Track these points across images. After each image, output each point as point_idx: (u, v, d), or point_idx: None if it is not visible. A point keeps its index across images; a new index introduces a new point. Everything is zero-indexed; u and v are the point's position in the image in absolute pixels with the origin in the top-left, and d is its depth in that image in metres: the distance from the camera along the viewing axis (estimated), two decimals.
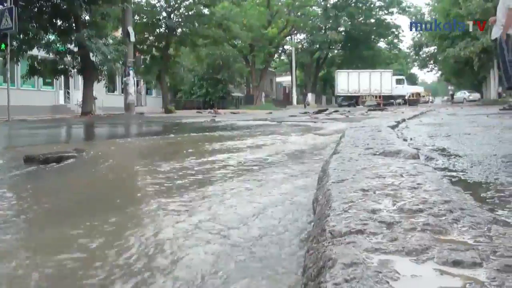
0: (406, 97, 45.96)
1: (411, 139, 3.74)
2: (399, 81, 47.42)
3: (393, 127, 4.73)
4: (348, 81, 46.36)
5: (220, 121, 12.48)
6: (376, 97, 45.56)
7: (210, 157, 3.79)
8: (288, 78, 66.24)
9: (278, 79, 73.03)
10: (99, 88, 24.27)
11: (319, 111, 19.90)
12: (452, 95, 54.17)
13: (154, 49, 30.31)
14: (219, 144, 4.93)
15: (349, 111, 20.02)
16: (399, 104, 45.19)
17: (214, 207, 1.97)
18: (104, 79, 22.08)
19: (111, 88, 32.01)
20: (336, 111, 20.07)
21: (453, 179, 2.03)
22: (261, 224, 1.71)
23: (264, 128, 8.44)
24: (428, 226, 1.10)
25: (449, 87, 55.72)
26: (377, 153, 2.46)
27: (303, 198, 2.16)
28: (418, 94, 46.54)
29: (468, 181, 1.98)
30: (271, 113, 21.91)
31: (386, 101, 45.59)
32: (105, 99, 31.17)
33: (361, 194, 1.45)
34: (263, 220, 1.75)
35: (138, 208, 2.08)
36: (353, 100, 46.87)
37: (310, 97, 54.59)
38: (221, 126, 9.81)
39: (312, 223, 1.46)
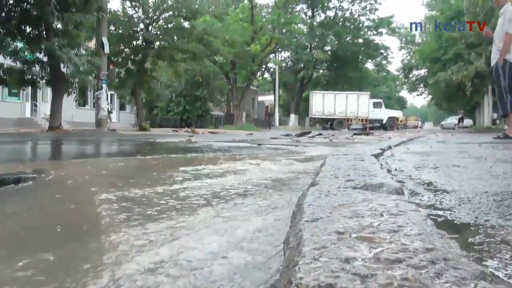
0: (384, 122, 47.13)
1: (395, 170, 3.71)
2: (376, 105, 48.37)
3: (377, 156, 4.71)
4: (323, 102, 47.41)
5: (197, 142, 12.37)
6: (362, 120, 46.29)
7: (179, 185, 3.70)
8: (271, 97, 66.83)
9: (261, 98, 73.58)
10: (69, 102, 24.00)
11: (302, 134, 19.97)
12: (462, 119, 54.08)
13: (129, 62, 30.26)
14: (191, 169, 4.85)
15: (333, 135, 20.13)
16: (374, 128, 46.07)
17: (163, 250, 1.86)
18: (74, 92, 21.87)
19: (81, 102, 31.73)
20: (320, 134, 20.15)
21: (438, 219, 1.98)
22: (222, 269, 1.62)
23: (242, 151, 8.37)
24: (406, 281, 1.03)
25: (458, 110, 55.14)
26: (358, 186, 2.42)
27: (275, 237, 2.08)
28: (396, 118, 47.61)
29: (455, 222, 1.93)
30: (251, 134, 21.90)
31: (371, 125, 46.27)
32: (75, 114, 30.85)
33: (336, 237, 1.38)
34: (225, 266, 1.66)
35: (85, 243, 1.97)
36: (328, 123, 47.74)
37: (293, 117, 55.07)
38: (197, 148, 9.71)
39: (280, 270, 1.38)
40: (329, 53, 60.17)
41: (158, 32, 30.21)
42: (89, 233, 2.20)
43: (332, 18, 60.23)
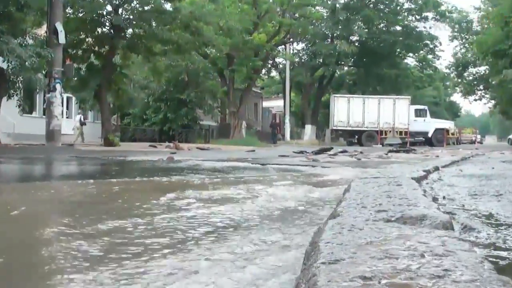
0: (429, 135, 47.00)
1: (444, 198, 3.72)
2: (419, 113, 48.37)
3: (419, 179, 4.73)
4: (348, 109, 47.61)
5: (181, 161, 12.43)
6: (400, 133, 46.21)
7: (155, 217, 3.72)
8: (280, 102, 67.05)
9: (266, 104, 73.95)
10: (9, 107, 24.12)
11: (321, 151, 20.00)
12: None
13: (92, 55, 30.40)
14: (172, 196, 4.87)
15: (361, 152, 20.18)
16: (423, 143, 46.03)
17: None
18: (17, 95, 21.97)
19: (27, 108, 31.78)
20: (344, 151, 20.21)
21: (500, 262, 1.98)
22: None
23: (241, 173, 8.39)
24: None
25: None
26: (392, 219, 2.45)
27: (280, 286, 2.08)
28: (446, 131, 47.28)
29: None
30: (253, 151, 21.99)
31: (413, 139, 46.28)
32: (19, 123, 30.99)
33: (360, 284, 1.40)
34: None
35: None
36: (354, 137, 47.84)
37: (309, 129, 55.25)
38: (181, 169, 9.75)
39: None
40: (356, 44, 60.34)
41: (131, 17, 30.38)
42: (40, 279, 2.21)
43: None
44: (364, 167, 9.76)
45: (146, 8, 30.29)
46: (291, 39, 53.28)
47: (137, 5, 30.58)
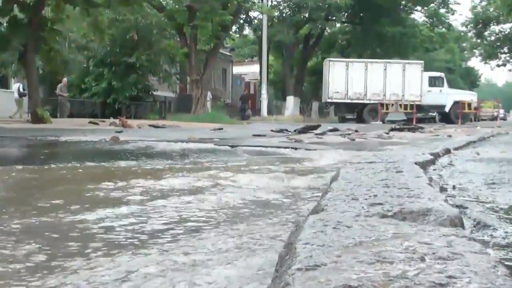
0: (447, 109, 46.46)
1: (454, 187, 3.76)
2: (434, 82, 48.02)
3: (425, 165, 4.77)
4: (347, 77, 47.37)
5: (129, 142, 12.38)
6: (406, 107, 45.99)
7: (89, 214, 3.74)
8: (255, 68, 66.90)
9: (237, 70, 73.70)
10: None
11: (306, 129, 20.07)
12: None
13: (16, 7, 30.02)
14: (111, 187, 4.88)
15: (356, 130, 20.27)
16: (433, 120, 46.14)
17: None
18: None
19: None
20: (334, 129, 20.27)
21: None
22: None
23: (204, 158, 8.40)
24: None
25: None
26: (389, 214, 2.47)
27: None
28: (468, 105, 46.36)
29: None
30: (221, 129, 21.95)
31: (423, 115, 46.42)
32: None
33: None
34: None
35: None
36: (353, 113, 47.79)
37: (291, 102, 55.25)
38: (128, 151, 9.74)
39: None
40: None
41: None
42: None
43: None
44: (358, 150, 9.84)
45: None
46: None
47: None
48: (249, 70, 72.94)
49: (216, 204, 4.13)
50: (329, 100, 48.50)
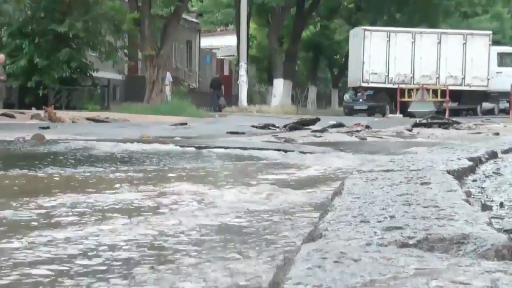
0: None
1: (501, 205, 3.78)
2: (504, 60, 47.63)
3: (460, 174, 4.78)
4: (388, 54, 46.57)
5: (58, 142, 12.33)
6: (435, 93, 45.72)
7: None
8: (230, 40, 66.74)
9: (207, 42, 73.52)
10: None
11: (300, 124, 20.10)
12: None
13: None
14: (32, 206, 4.87)
15: (367, 127, 20.29)
16: (474, 112, 45.89)
17: None
18: None
19: None
20: (340, 124, 20.25)
21: None
22: None
23: (159, 164, 8.39)
24: None
25: None
26: (410, 242, 2.47)
27: None
28: None
29: None
30: (185, 124, 21.92)
31: (462, 104, 46.24)
32: None
33: None
34: None
35: None
36: (386, 101, 46.90)
37: (280, 87, 55.12)
38: (55, 155, 9.69)
39: None
40: None
41: None
42: None
43: None
44: (370, 153, 9.85)
45: None
46: None
47: None
48: (222, 43, 72.84)
49: (169, 230, 4.08)
50: (365, 85, 47.59)
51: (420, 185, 3.75)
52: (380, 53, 46.89)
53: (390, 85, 46.74)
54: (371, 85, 47.23)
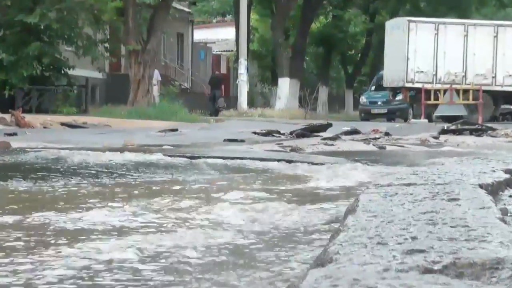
0: None
1: None
2: None
3: (495, 189, 4.78)
4: (436, 49, 46.02)
5: (27, 150, 12.31)
6: (465, 95, 45.62)
7: None
8: (228, 33, 66.81)
9: (201, 35, 73.56)
10: None
11: (309, 130, 20.10)
12: None
13: None
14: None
15: (387, 134, 20.29)
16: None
17: None
18: None
19: None
20: (355, 131, 20.24)
21: None
22: None
23: (145, 176, 8.39)
24: None
25: None
26: (436, 268, 2.47)
27: None
28: None
29: None
30: (176, 130, 21.90)
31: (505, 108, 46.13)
32: None
33: None
34: None
35: None
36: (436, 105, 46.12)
37: (286, 87, 55.08)
38: (26, 165, 9.69)
39: None
40: None
41: None
42: None
43: None
44: (390, 164, 9.84)
45: None
46: None
47: None
48: (218, 36, 72.87)
49: (157, 254, 4.07)
50: (409, 85, 46.32)
51: (447, 202, 3.74)
52: (427, 49, 45.76)
53: (439, 86, 45.46)
54: (416, 85, 45.83)
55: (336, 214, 4.97)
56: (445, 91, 44.85)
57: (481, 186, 4.52)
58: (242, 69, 52.01)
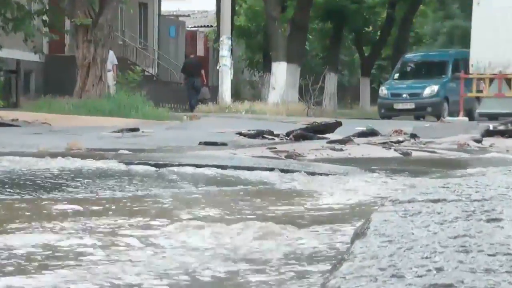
0: None
1: None
2: None
3: None
4: (509, 29, 45.85)
5: None
6: None
7: None
8: (206, 4, 67.45)
9: (169, 6, 74.21)
10: None
11: (311, 131, 20.21)
12: None
13: None
14: None
15: (413, 136, 20.41)
16: None
17: None
18: None
19: None
20: (371, 132, 20.40)
21: None
22: None
23: (93, 190, 8.38)
24: None
25: None
26: None
27: None
28: None
29: None
30: (137, 130, 22.16)
31: None
32: None
33: None
34: None
35: None
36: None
37: (282, 74, 55.30)
38: None
39: None
40: None
41: None
42: None
43: None
44: (414, 174, 9.86)
45: None
46: None
47: None
48: (194, 7, 73.54)
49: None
50: (471, 75, 46.28)
51: (485, 223, 3.69)
52: (496, 30, 45.29)
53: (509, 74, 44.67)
54: (479, 75, 45.42)
55: (341, 239, 4.94)
56: (491, 80, 44.70)
57: None
58: (225, 51, 52.33)
